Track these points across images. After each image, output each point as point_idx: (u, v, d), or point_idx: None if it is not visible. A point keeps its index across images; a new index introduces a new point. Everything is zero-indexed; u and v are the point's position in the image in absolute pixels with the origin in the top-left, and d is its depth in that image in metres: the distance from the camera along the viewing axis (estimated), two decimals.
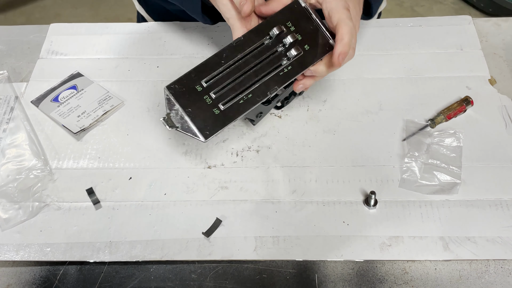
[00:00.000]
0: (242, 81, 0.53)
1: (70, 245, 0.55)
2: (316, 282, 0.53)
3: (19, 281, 0.54)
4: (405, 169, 0.60)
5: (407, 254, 0.54)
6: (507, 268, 0.53)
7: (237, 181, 0.60)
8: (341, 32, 0.52)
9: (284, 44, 0.54)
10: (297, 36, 0.55)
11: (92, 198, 0.59)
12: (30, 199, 0.58)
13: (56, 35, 0.77)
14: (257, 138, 0.64)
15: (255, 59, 0.54)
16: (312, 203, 0.58)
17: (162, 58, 0.74)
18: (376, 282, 0.53)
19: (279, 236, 0.56)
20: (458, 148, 0.62)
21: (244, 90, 0.53)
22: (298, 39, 0.55)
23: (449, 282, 0.53)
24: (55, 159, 0.63)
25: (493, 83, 0.69)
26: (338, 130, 0.65)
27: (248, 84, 0.53)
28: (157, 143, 0.64)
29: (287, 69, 0.54)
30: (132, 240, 0.56)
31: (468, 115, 0.66)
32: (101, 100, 0.68)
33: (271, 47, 0.54)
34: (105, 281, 0.53)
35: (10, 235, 0.56)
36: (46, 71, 0.72)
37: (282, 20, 0.55)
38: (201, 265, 0.55)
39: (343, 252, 0.54)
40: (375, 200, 0.57)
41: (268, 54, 0.54)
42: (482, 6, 1.96)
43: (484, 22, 0.78)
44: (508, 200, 0.58)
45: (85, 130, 0.65)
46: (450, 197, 0.58)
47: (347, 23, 0.52)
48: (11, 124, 0.66)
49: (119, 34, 0.77)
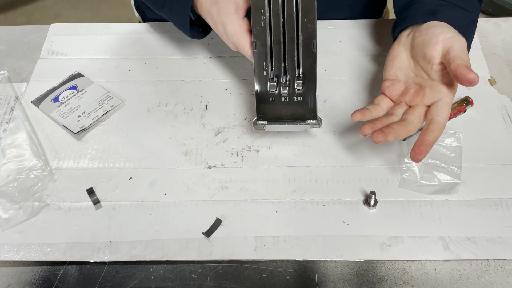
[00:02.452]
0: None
1: (70, 245, 0.55)
2: (316, 282, 0.53)
3: (19, 281, 0.54)
4: (405, 169, 0.60)
5: (407, 254, 0.54)
6: (507, 268, 0.53)
7: (237, 181, 0.60)
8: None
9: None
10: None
11: (92, 198, 0.59)
12: (30, 199, 0.59)
13: (57, 35, 0.77)
14: (257, 138, 0.64)
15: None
16: (312, 203, 0.58)
17: (162, 58, 0.74)
18: (376, 282, 0.53)
19: (279, 236, 0.56)
20: (458, 148, 0.62)
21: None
22: None
23: (449, 282, 0.53)
24: (55, 159, 0.63)
25: (493, 83, 0.69)
26: (338, 130, 0.65)
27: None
28: (157, 143, 0.64)
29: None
30: (132, 240, 0.56)
31: (468, 115, 0.66)
32: (101, 100, 0.68)
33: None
34: (105, 281, 0.54)
35: (10, 235, 0.56)
36: (47, 71, 0.72)
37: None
38: (201, 265, 0.55)
39: (343, 252, 0.54)
40: (375, 200, 0.57)
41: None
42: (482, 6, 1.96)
43: (484, 22, 0.78)
44: (508, 200, 0.58)
45: (85, 130, 0.65)
46: (450, 197, 0.58)
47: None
48: (12, 124, 0.66)
49: (119, 34, 0.77)
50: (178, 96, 0.69)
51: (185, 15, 0.60)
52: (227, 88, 0.70)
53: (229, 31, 0.55)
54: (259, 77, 0.56)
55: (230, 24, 0.54)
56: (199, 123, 0.66)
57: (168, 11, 0.63)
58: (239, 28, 0.54)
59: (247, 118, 0.66)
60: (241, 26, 0.54)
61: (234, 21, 0.54)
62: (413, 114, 0.54)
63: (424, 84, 0.55)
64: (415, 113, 0.54)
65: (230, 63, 0.73)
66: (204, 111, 0.67)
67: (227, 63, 0.73)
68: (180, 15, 0.61)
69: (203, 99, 0.69)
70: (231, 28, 0.54)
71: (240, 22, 0.54)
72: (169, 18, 0.65)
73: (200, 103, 0.68)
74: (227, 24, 0.54)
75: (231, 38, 0.55)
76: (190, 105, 0.68)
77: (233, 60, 0.73)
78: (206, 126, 0.66)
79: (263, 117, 0.57)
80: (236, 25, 0.54)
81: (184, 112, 0.67)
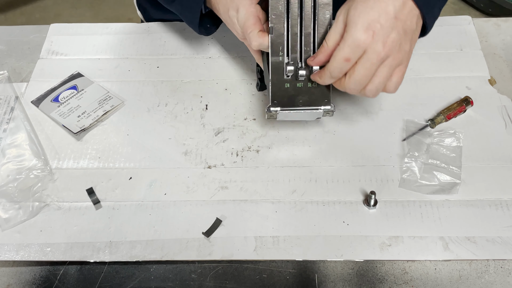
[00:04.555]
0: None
1: (70, 245, 0.55)
2: (316, 282, 0.53)
3: (19, 281, 0.54)
4: (405, 169, 0.60)
5: (407, 254, 0.54)
6: (507, 268, 0.53)
7: (237, 181, 0.60)
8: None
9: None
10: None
11: (92, 198, 0.59)
12: (30, 199, 0.58)
13: (56, 35, 0.77)
14: (257, 138, 0.64)
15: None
16: (312, 203, 0.58)
17: (162, 58, 0.74)
18: (376, 282, 0.53)
19: (279, 236, 0.56)
20: (458, 148, 0.62)
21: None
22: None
23: (449, 282, 0.53)
24: (55, 159, 0.63)
25: (493, 83, 0.69)
26: (338, 130, 0.65)
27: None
28: (157, 143, 0.64)
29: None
30: (132, 240, 0.56)
31: (468, 115, 0.66)
32: (101, 100, 0.68)
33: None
34: (105, 281, 0.54)
35: (10, 235, 0.56)
36: (46, 71, 0.72)
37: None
38: (201, 265, 0.55)
39: (343, 252, 0.54)
40: (375, 200, 0.57)
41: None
42: (482, 6, 1.96)
43: (484, 22, 0.78)
44: (508, 200, 0.58)
45: (85, 130, 0.65)
46: (450, 197, 0.58)
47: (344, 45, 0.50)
48: (11, 124, 0.66)
49: (119, 34, 0.77)
50: (178, 96, 0.69)
51: (196, 9, 0.61)
52: (227, 88, 0.70)
53: (241, 15, 0.55)
54: (275, 63, 0.56)
55: (243, 8, 0.55)
56: (199, 123, 0.66)
57: (180, 6, 0.63)
58: (250, 12, 0.55)
59: (247, 118, 0.66)
60: (252, 11, 0.55)
61: (247, 6, 0.55)
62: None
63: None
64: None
65: (230, 63, 0.73)
66: (204, 111, 0.67)
67: (227, 63, 0.73)
68: (192, 9, 0.62)
69: (203, 99, 0.69)
70: (243, 12, 0.55)
71: (252, 7, 0.55)
72: (179, 13, 0.65)
73: (200, 103, 0.68)
74: (240, 8, 0.55)
75: (241, 22, 0.56)
76: (190, 105, 0.68)
77: (233, 60, 0.73)
78: (206, 126, 0.66)
79: (277, 104, 0.57)
80: (248, 10, 0.55)
81: (184, 112, 0.67)
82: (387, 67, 0.51)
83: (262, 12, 0.56)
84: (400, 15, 0.49)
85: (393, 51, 0.50)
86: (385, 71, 0.51)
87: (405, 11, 0.50)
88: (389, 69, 0.51)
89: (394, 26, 0.49)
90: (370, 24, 0.48)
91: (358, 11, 0.49)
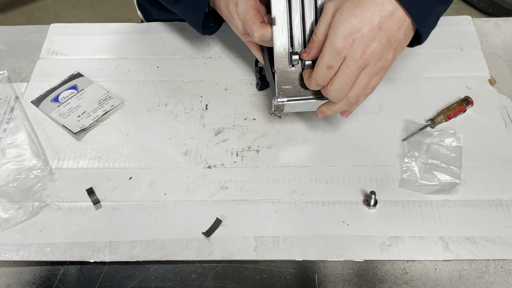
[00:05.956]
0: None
1: (70, 245, 0.55)
2: (316, 282, 0.53)
3: (19, 281, 0.54)
4: (405, 169, 0.60)
5: (407, 254, 0.54)
6: (507, 268, 0.53)
7: (237, 181, 0.60)
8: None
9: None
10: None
11: (92, 198, 0.59)
12: (30, 199, 0.58)
13: (56, 35, 0.77)
14: (257, 138, 0.64)
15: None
16: (312, 203, 0.58)
17: (162, 58, 0.74)
18: (376, 282, 0.53)
19: (279, 236, 0.56)
20: (458, 148, 0.62)
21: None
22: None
23: (449, 282, 0.53)
24: (55, 159, 0.63)
25: (493, 83, 0.69)
26: (338, 130, 0.65)
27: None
28: (157, 143, 0.64)
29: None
30: (132, 240, 0.56)
31: (468, 115, 0.66)
32: (101, 100, 0.68)
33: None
34: (105, 281, 0.54)
35: (10, 235, 0.56)
36: (46, 71, 0.72)
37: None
38: (201, 265, 0.55)
39: (343, 252, 0.54)
40: (375, 200, 0.57)
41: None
42: (482, 6, 1.96)
43: (484, 22, 0.78)
44: (508, 200, 0.58)
45: (85, 130, 0.65)
46: (450, 197, 0.58)
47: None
48: (11, 124, 0.66)
49: (119, 34, 0.77)
50: (178, 96, 0.69)
51: (201, 10, 0.61)
52: (227, 88, 0.70)
53: (240, 8, 0.56)
54: (279, 53, 0.56)
55: (242, 2, 0.55)
56: (199, 123, 0.66)
57: (183, 7, 0.63)
58: (250, 5, 0.55)
59: (247, 118, 0.66)
60: (252, 4, 0.55)
61: (246, 0, 0.55)
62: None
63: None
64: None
65: (230, 63, 0.73)
66: (204, 111, 0.67)
67: (227, 63, 0.73)
68: (196, 11, 0.62)
69: (203, 99, 0.69)
70: (242, 5, 0.55)
71: (251, 0, 0.55)
72: (182, 14, 0.65)
73: (200, 103, 0.68)
74: (239, 2, 0.56)
75: (241, 16, 0.56)
76: (190, 105, 0.68)
77: (233, 60, 0.73)
78: (206, 126, 0.66)
79: (283, 95, 0.57)
80: (247, 3, 0.55)
81: (184, 112, 0.67)
82: (367, 75, 0.51)
83: (261, 6, 0.56)
84: (385, 25, 0.49)
85: (372, 60, 0.50)
86: (364, 79, 0.51)
87: (391, 21, 0.49)
88: (369, 77, 0.51)
89: (376, 36, 0.49)
90: (351, 32, 0.48)
91: (342, 18, 0.48)
